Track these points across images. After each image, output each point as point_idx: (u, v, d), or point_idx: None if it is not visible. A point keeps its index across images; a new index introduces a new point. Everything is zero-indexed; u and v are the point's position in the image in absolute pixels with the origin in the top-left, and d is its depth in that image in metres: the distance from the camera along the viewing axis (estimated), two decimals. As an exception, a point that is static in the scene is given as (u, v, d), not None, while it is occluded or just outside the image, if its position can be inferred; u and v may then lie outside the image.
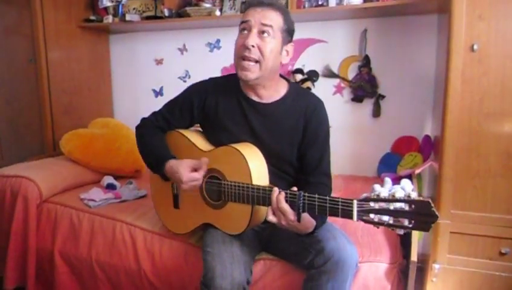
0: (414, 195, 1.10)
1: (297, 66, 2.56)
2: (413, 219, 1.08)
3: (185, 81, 2.87)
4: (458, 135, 1.63)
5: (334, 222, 1.79)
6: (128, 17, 2.61)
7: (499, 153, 1.61)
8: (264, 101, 1.49)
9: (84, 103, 2.84)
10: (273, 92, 1.49)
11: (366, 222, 1.15)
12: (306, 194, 1.24)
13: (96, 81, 2.94)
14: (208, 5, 2.48)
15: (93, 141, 2.42)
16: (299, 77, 2.51)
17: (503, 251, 1.64)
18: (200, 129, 1.64)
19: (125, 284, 1.80)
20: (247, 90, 1.50)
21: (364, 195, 1.17)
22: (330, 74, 2.51)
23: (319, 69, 2.53)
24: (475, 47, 1.57)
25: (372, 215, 1.13)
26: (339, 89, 2.51)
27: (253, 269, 1.52)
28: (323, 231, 1.40)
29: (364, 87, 2.41)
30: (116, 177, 2.40)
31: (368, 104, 2.46)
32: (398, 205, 1.10)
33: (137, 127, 1.66)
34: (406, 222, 1.09)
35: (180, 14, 2.55)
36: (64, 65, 2.68)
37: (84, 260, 1.88)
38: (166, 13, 2.54)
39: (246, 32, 1.40)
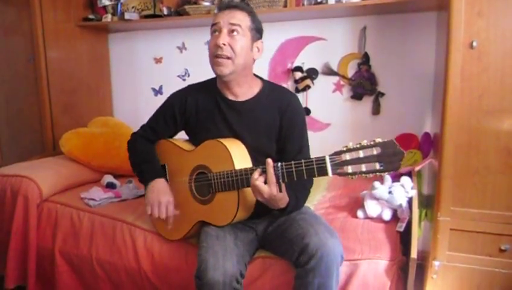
0: (379, 139, 1.18)
1: (296, 64, 2.56)
2: (383, 160, 1.17)
3: (184, 80, 2.87)
4: (458, 132, 1.63)
5: (334, 219, 1.80)
6: (127, 16, 2.61)
7: (498, 150, 1.61)
8: (240, 99, 1.56)
9: (84, 102, 2.84)
10: (247, 89, 1.56)
11: (341, 175, 1.23)
12: (283, 164, 1.32)
13: (96, 80, 2.94)
14: (206, 3, 2.48)
15: (93, 140, 2.42)
16: (298, 74, 2.51)
17: (502, 248, 1.64)
18: (186, 138, 1.70)
19: (126, 283, 1.81)
20: (223, 90, 1.57)
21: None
22: (329, 72, 2.51)
23: (318, 66, 2.53)
24: (474, 44, 1.57)
25: (345, 167, 1.21)
26: (338, 87, 2.51)
27: (251, 266, 1.53)
28: (307, 226, 1.42)
29: (363, 85, 2.41)
30: (116, 176, 2.40)
31: (367, 102, 2.46)
32: (366, 151, 1.18)
33: (128, 143, 1.73)
34: (377, 166, 1.17)
35: (179, 12, 2.55)
36: (64, 64, 2.67)
37: (85, 259, 1.88)
38: (165, 12, 2.54)
39: (217, 33, 1.50)
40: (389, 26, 2.37)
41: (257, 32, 1.53)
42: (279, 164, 1.32)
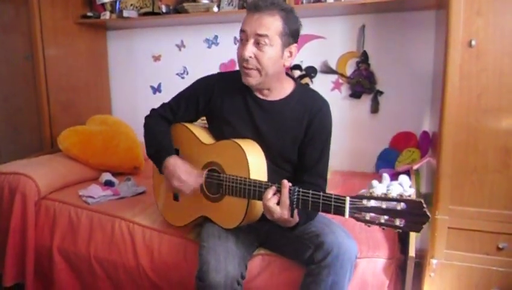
0: (408, 193, 1.12)
1: (295, 62, 2.56)
2: (405, 219, 1.10)
3: (183, 78, 2.86)
4: (456, 131, 1.63)
5: (332, 218, 1.80)
6: (125, 14, 2.60)
7: (496, 149, 1.61)
8: (269, 98, 1.50)
9: (82, 100, 2.84)
10: (278, 90, 1.50)
11: (357, 219, 1.17)
12: (300, 190, 1.26)
13: (94, 77, 2.93)
14: (205, 1, 2.48)
15: (91, 137, 2.42)
16: (297, 73, 2.51)
17: (500, 246, 1.65)
18: (205, 125, 1.66)
19: (124, 280, 1.81)
20: (253, 88, 1.50)
21: (363, 191, 1.18)
22: (328, 70, 2.50)
23: (317, 65, 2.53)
24: (473, 43, 1.57)
25: (364, 213, 1.15)
26: (337, 85, 2.51)
27: (251, 264, 1.53)
28: (321, 225, 1.41)
29: (362, 83, 2.41)
30: (114, 174, 2.40)
31: (366, 100, 2.46)
32: (390, 204, 1.11)
33: (146, 117, 1.67)
34: (397, 222, 1.10)
35: (177, 10, 2.55)
36: (62, 62, 2.67)
37: (83, 257, 1.88)
38: (164, 9, 2.54)
39: (243, 41, 1.40)
40: (388, 25, 2.37)
41: (290, 36, 1.40)
42: (296, 188, 1.26)
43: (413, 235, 1.57)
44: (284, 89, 1.50)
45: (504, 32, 1.56)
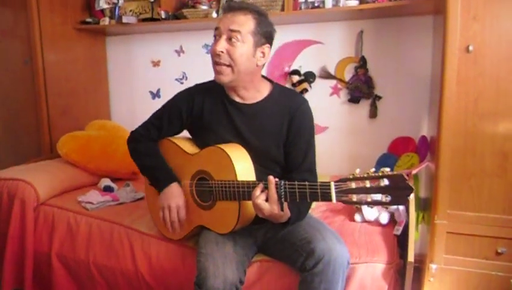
0: (387, 170, 1.14)
1: (294, 67, 2.57)
2: (390, 194, 1.13)
3: (182, 83, 2.87)
4: (454, 136, 1.64)
5: (331, 223, 1.80)
6: (124, 20, 2.61)
7: (494, 153, 1.62)
8: (247, 102, 1.52)
9: (81, 105, 2.84)
10: (255, 93, 1.52)
11: (345, 202, 1.19)
12: (287, 182, 1.27)
13: (93, 83, 2.94)
14: (204, 7, 2.49)
15: (90, 143, 2.42)
16: (295, 78, 2.52)
17: (499, 251, 1.65)
18: (188, 136, 1.67)
19: (123, 286, 1.80)
20: (230, 92, 1.53)
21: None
22: (327, 75, 2.51)
23: (315, 70, 2.53)
24: (470, 48, 1.58)
25: (350, 195, 1.17)
26: (335, 90, 2.52)
27: (249, 270, 1.53)
28: (313, 231, 1.42)
29: (360, 88, 2.42)
30: (113, 180, 2.40)
31: (364, 105, 2.47)
32: (374, 181, 1.14)
33: (129, 142, 1.68)
34: (383, 198, 1.13)
35: (176, 16, 2.56)
36: (61, 67, 2.67)
37: (82, 263, 1.87)
38: (163, 15, 2.55)
39: (217, 38, 1.44)
40: (386, 30, 2.38)
41: (263, 36, 1.44)
42: (282, 182, 1.28)
43: (412, 240, 1.57)
44: (260, 91, 1.53)
45: (501, 37, 1.56)
